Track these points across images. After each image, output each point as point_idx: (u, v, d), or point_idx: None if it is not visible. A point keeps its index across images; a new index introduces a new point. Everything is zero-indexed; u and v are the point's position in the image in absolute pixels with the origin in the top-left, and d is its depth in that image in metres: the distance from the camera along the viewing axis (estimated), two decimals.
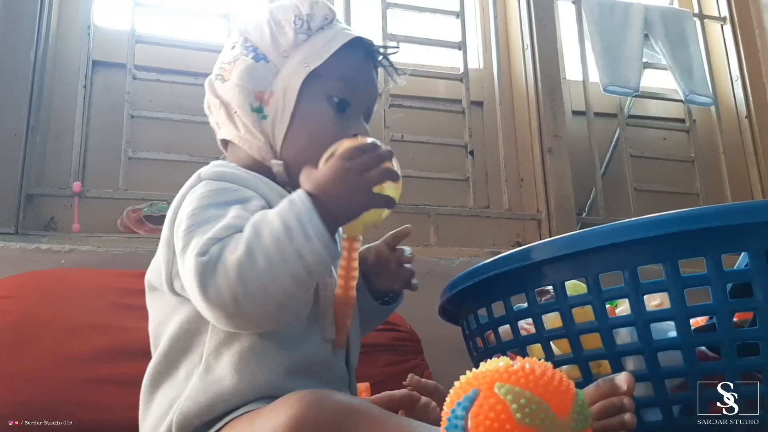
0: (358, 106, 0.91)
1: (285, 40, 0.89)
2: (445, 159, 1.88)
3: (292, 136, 0.88)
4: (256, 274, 0.71)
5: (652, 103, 2.17)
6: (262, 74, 0.88)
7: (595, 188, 1.95)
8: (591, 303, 0.72)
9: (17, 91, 1.55)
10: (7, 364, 1.07)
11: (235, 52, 0.91)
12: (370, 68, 0.94)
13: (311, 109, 0.88)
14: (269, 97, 0.88)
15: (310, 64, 0.87)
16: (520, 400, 0.52)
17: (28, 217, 1.55)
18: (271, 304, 0.73)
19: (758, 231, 0.67)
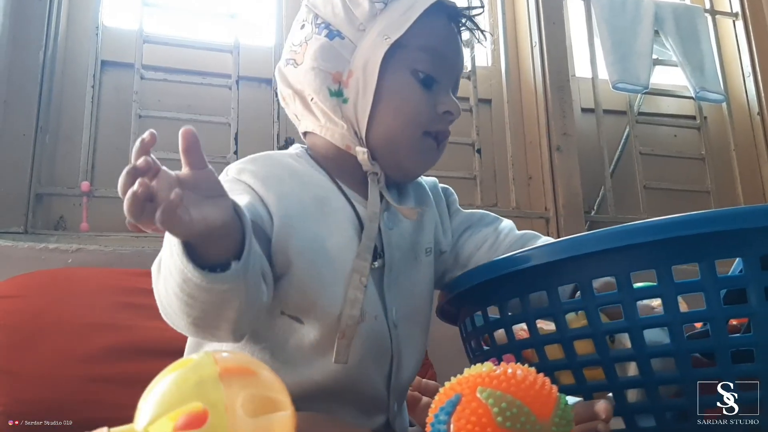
0: (447, 79, 0.84)
1: (360, 12, 0.81)
2: (452, 157, 1.86)
3: (377, 117, 0.80)
4: (159, 289, 0.66)
5: (663, 100, 2.15)
6: (337, 52, 0.80)
7: (604, 186, 1.93)
8: (585, 308, 0.72)
9: (26, 91, 1.57)
10: (13, 362, 1.09)
11: (305, 32, 0.83)
12: (455, 33, 0.86)
13: (396, 85, 0.80)
14: (348, 78, 0.80)
15: (390, 35, 0.79)
16: (501, 403, 0.52)
17: (38, 217, 1.56)
18: (180, 321, 0.66)
19: (753, 236, 0.66)
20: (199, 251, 0.60)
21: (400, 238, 0.85)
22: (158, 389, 0.45)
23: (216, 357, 0.46)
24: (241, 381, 0.44)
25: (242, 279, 0.62)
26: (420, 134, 0.82)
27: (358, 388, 0.79)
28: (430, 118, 0.82)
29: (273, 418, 0.45)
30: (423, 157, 0.85)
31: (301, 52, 0.82)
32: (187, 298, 0.61)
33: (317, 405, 0.76)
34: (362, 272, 0.77)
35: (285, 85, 0.85)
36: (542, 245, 0.74)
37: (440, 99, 0.83)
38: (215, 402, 0.43)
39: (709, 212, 0.67)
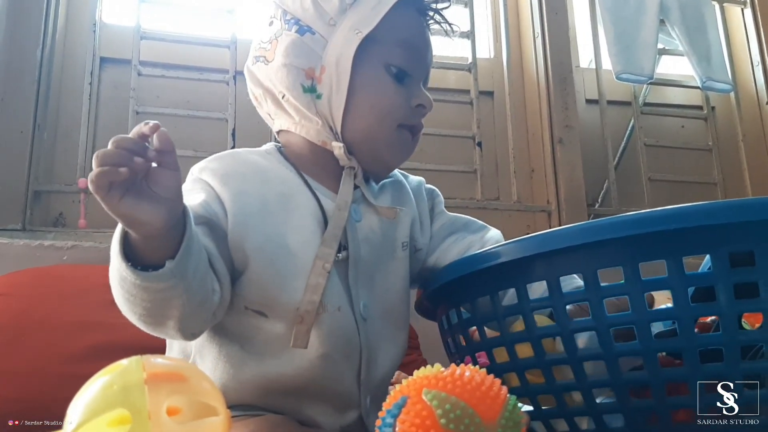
0: (418, 72, 0.84)
1: (330, 6, 0.80)
2: (453, 151, 1.85)
3: (352, 111, 0.80)
4: (113, 291, 0.66)
5: (669, 90, 2.11)
6: (309, 48, 0.79)
7: (608, 178, 1.90)
8: (553, 306, 0.70)
9: (24, 89, 1.58)
10: (2, 361, 1.09)
11: (274, 29, 0.82)
12: (424, 26, 0.86)
13: (369, 80, 0.80)
14: (321, 73, 0.79)
15: (361, 30, 0.78)
16: (446, 405, 0.51)
17: (37, 214, 1.57)
18: (131, 318, 0.67)
19: (721, 233, 0.64)
20: (139, 250, 0.61)
21: (369, 231, 0.84)
22: (85, 395, 0.45)
23: (145, 362, 0.46)
24: (168, 387, 0.44)
25: (179, 278, 0.63)
26: (395, 127, 0.82)
27: (328, 382, 0.78)
28: (404, 111, 0.82)
29: (202, 423, 0.44)
30: (399, 149, 0.84)
31: (272, 49, 0.81)
32: (128, 295, 0.63)
33: (289, 399, 0.76)
34: (326, 259, 0.76)
35: (255, 84, 0.85)
36: (508, 242, 0.72)
37: (413, 92, 0.83)
38: (139, 408, 0.42)
39: (676, 208, 0.65)
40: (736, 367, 0.65)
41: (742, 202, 0.64)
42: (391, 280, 0.86)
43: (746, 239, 0.65)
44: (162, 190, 0.61)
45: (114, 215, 0.59)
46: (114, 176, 0.57)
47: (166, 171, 0.61)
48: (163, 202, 0.60)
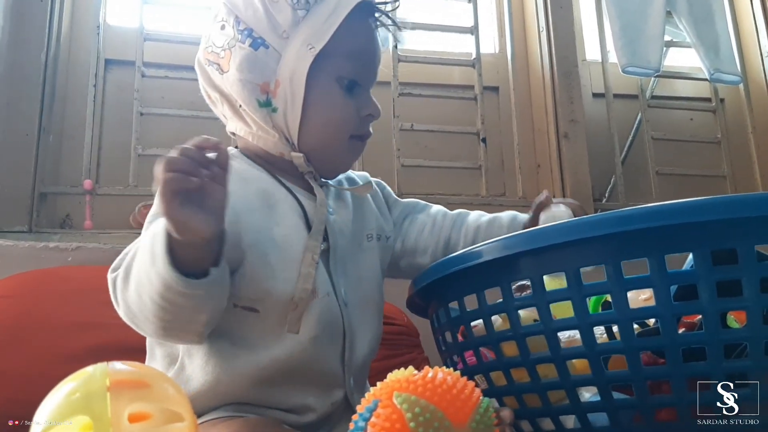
0: (367, 80, 0.87)
1: (283, 18, 0.81)
2: (458, 147, 1.85)
3: (307, 125, 0.83)
4: (131, 298, 0.69)
5: (678, 82, 2.09)
6: (263, 63, 0.81)
7: (615, 173, 1.89)
8: (536, 305, 0.70)
9: (28, 92, 1.60)
10: (3, 361, 1.11)
11: (227, 35, 0.82)
12: (374, 32, 0.88)
13: (323, 95, 0.82)
14: (276, 87, 0.81)
15: (314, 44, 0.80)
16: (415, 408, 0.51)
17: (43, 216, 1.59)
18: (153, 326, 0.70)
19: (703, 231, 0.64)
20: (180, 259, 0.64)
21: (342, 224, 0.89)
22: (50, 401, 0.45)
23: (110, 369, 0.46)
24: (130, 393, 0.44)
25: (218, 285, 0.67)
26: (348, 139, 0.86)
27: (316, 363, 0.81)
28: (355, 123, 0.86)
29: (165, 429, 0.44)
30: (351, 157, 0.90)
31: (226, 59, 0.82)
32: (166, 303, 0.65)
33: (281, 387, 0.79)
34: (314, 251, 0.80)
35: (210, 86, 0.86)
36: (492, 241, 0.72)
37: (362, 102, 0.86)
38: (100, 415, 0.43)
39: (658, 205, 0.65)
40: (718, 365, 0.64)
41: (725, 199, 0.64)
42: (362, 269, 0.91)
43: (729, 237, 0.64)
44: (213, 203, 0.64)
45: (170, 220, 0.62)
46: (185, 184, 0.61)
47: (218, 186, 0.65)
48: (213, 213, 0.64)
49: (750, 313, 0.63)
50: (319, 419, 0.81)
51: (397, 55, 1.76)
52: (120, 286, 0.71)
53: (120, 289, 0.71)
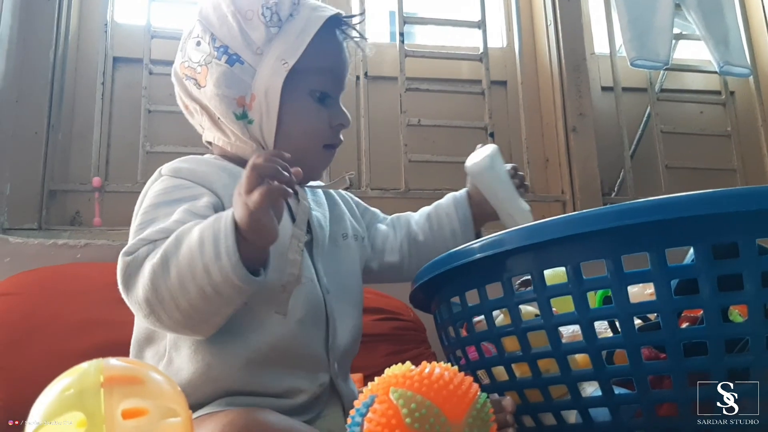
0: (337, 91, 0.92)
1: (256, 36, 0.85)
2: (464, 142, 1.84)
3: (282, 136, 0.87)
4: (167, 283, 0.71)
5: (687, 75, 2.07)
6: (239, 78, 0.85)
7: (624, 167, 1.88)
8: (537, 300, 0.70)
9: (37, 90, 1.61)
10: (10, 359, 1.12)
11: (203, 51, 0.86)
12: (343, 45, 0.92)
13: (296, 107, 0.87)
14: (251, 101, 0.85)
15: (287, 60, 0.84)
16: (411, 404, 0.51)
17: (53, 213, 1.60)
18: (180, 314, 0.72)
19: (704, 224, 0.63)
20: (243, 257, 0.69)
21: (322, 219, 0.94)
22: (45, 397, 0.45)
23: (104, 365, 0.46)
24: (124, 390, 0.45)
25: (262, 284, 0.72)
26: (321, 148, 0.91)
27: (302, 347, 0.84)
28: (327, 133, 0.90)
29: (159, 425, 0.45)
30: (323, 164, 0.94)
31: (203, 75, 0.86)
32: (215, 295, 0.70)
33: (272, 370, 0.81)
34: (299, 238, 0.82)
35: (188, 97, 0.90)
36: (491, 236, 0.72)
37: (333, 112, 0.90)
38: (93, 411, 0.43)
39: (657, 199, 0.64)
40: (719, 360, 0.64)
41: (725, 192, 0.63)
42: (342, 262, 0.95)
43: (730, 231, 0.63)
44: (276, 213, 0.71)
45: (255, 222, 0.68)
46: (285, 194, 0.68)
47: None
48: (278, 220, 0.71)
49: (751, 307, 0.63)
50: (309, 401, 0.83)
51: (404, 50, 1.76)
52: (152, 271, 0.71)
53: (149, 274, 0.71)
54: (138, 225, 0.79)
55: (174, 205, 0.79)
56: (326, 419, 0.84)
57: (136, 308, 0.74)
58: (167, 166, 0.86)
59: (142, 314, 0.74)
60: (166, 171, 0.85)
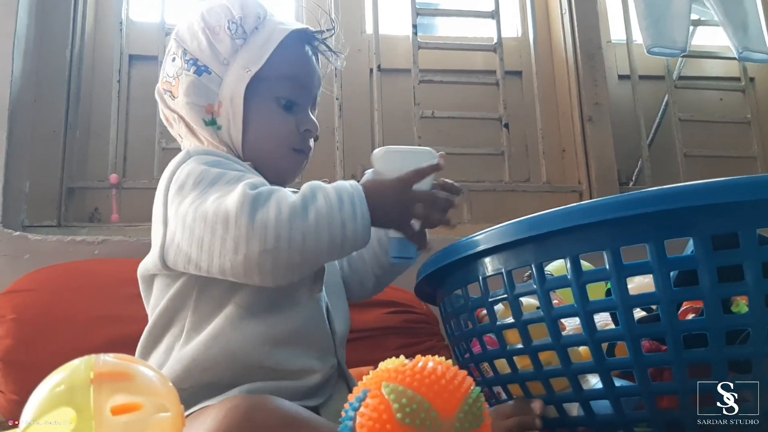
0: (305, 100, 0.95)
1: (223, 48, 0.90)
2: (478, 133, 1.84)
3: (249, 140, 0.91)
4: (304, 224, 0.75)
5: (706, 62, 2.04)
6: (207, 87, 0.89)
7: (642, 156, 1.85)
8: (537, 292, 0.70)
9: (54, 90, 1.63)
10: (26, 354, 1.14)
11: (176, 66, 0.92)
12: (310, 57, 0.96)
13: (261, 113, 0.91)
14: (219, 108, 0.90)
15: (251, 68, 0.89)
16: (402, 399, 0.51)
17: (72, 210, 1.63)
18: (301, 256, 0.76)
19: (703, 215, 0.62)
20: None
21: None
22: (38, 393, 0.46)
23: (94, 362, 0.47)
24: (113, 385, 0.45)
25: None
26: (289, 151, 0.94)
27: (314, 330, 0.88)
28: (294, 137, 0.94)
29: (146, 419, 0.45)
30: (294, 167, 0.97)
31: (176, 86, 0.92)
32: (337, 244, 0.77)
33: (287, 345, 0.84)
34: None
35: (168, 109, 0.95)
36: (491, 229, 0.72)
37: (301, 119, 0.94)
38: (82, 407, 0.44)
39: (655, 190, 0.64)
40: (720, 352, 0.63)
41: (725, 182, 0.63)
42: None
43: (730, 221, 0.63)
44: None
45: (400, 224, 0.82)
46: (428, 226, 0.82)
47: None
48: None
49: (752, 298, 0.62)
50: (321, 382, 0.85)
51: (417, 42, 1.75)
52: (291, 209, 0.75)
53: (288, 210, 0.75)
54: (201, 190, 0.79)
55: (229, 168, 0.83)
56: (336, 402, 0.86)
57: (255, 240, 0.74)
58: (194, 149, 0.88)
59: (259, 249, 0.74)
60: (195, 152, 0.87)
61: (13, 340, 1.17)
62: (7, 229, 1.46)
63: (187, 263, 0.79)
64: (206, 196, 0.78)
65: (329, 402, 0.85)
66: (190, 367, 0.79)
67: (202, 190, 0.79)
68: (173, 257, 0.81)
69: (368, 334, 1.26)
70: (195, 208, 0.77)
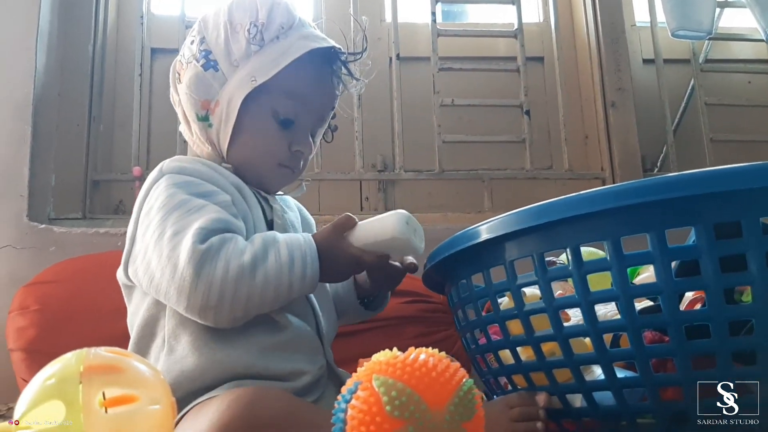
0: (307, 120, 0.94)
1: (237, 49, 0.88)
2: (501, 121, 1.82)
3: (236, 145, 0.90)
4: (250, 286, 0.76)
5: (734, 44, 1.99)
6: (209, 83, 0.89)
7: (666, 142, 1.82)
8: (538, 283, 0.69)
9: (77, 84, 1.66)
10: (49, 344, 1.17)
11: (192, 50, 0.91)
12: (326, 77, 0.94)
13: (254, 123, 0.90)
14: (215, 106, 0.89)
15: (257, 78, 0.87)
16: (392, 392, 0.51)
17: (96, 203, 1.65)
18: (243, 312, 0.78)
19: (705, 204, 0.61)
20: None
21: (295, 221, 1.00)
22: (31, 386, 0.47)
23: (85, 355, 0.48)
24: (102, 378, 0.46)
25: None
26: (276, 165, 0.93)
27: (301, 333, 0.87)
28: (283, 154, 0.93)
29: (135, 412, 0.46)
30: (279, 181, 0.97)
31: (184, 72, 0.91)
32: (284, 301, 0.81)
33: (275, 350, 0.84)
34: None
35: (175, 91, 0.95)
36: (492, 219, 0.71)
37: (296, 139, 0.93)
38: (72, 399, 0.45)
39: (657, 178, 0.63)
40: (724, 343, 0.62)
41: (727, 170, 0.61)
42: None
43: (733, 209, 0.62)
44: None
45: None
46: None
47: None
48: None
49: (755, 288, 0.61)
50: (311, 383, 0.85)
51: (436, 29, 1.74)
52: (239, 270, 0.76)
53: (236, 271, 0.76)
54: (162, 217, 0.80)
55: (199, 197, 0.82)
56: (328, 401, 0.85)
57: (197, 296, 0.76)
58: (168, 164, 0.88)
59: (201, 304, 0.76)
60: (168, 169, 0.87)
61: (36, 330, 1.20)
62: (33, 222, 1.48)
63: (147, 286, 0.81)
64: (165, 225, 0.79)
65: (320, 401, 0.85)
66: (180, 378, 0.79)
67: (163, 216, 0.80)
68: (133, 274, 0.85)
69: (385, 324, 1.26)
70: (155, 242, 0.79)
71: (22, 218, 1.48)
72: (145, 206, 0.84)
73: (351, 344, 1.11)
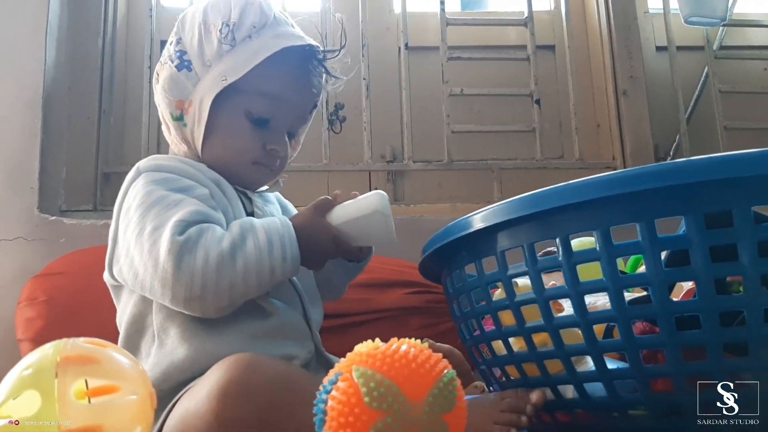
0: (284, 119, 0.94)
1: (209, 49, 0.89)
2: (511, 110, 1.80)
3: (210, 144, 0.91)
4: (231, 273, 0.77)
5: (750, 31, 1.96)
6: (183, 84, 0.89)
7: (679, 130, 1.80)
8: (528, 273, 0.69)
9: (88, 77, 1.68)
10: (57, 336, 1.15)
11: (169, 51, 0.92)
12: (303, 75, 0.94)
13: (226, 123, 0.90)
14: (188, 106, 0.90)
15: (227, 77, 0.87)
16: (370, 383, 0.51)
17: (107, 195, 1.66)
18: (228, 300, 0.79)
19: (695, 192, 0.60)
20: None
21: (276, 214, 0.99)
22: (9, 376, 0.48)
23: (63, 346, 0.48)
24: (78, 369, 0.47)
25: None
26: (249, 164, 0.94)
27: (290, 320, 0.89)
28: (257, 153, 0.93)
29: (110, 402, 0.46)
30: (256, 178, 0.97)
31: (161, 72, 0.92)
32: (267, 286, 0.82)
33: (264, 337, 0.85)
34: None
35: (154, 88, 0.95)
36: (484, 209, 0.71)
37: (270, 138, 0.93)
38: (47, 390, 0.45)
39: (646, 167, 0.62)
40: (714, 334, 0.61)
41: (718, 158, 0.61)
42: None
43: (724, 198, 0.60)
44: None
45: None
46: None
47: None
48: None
49: (747, 279, 0.60)
50: (301, 367, 0.85)
51: (445, 18, 1.73)
52: (219, 258, 0.77)
53: (216, 259, 0.77)
54: (141, 214, 0.81)
55: (177, 192, 0.83)
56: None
57: (180, 288, 0.77)
58: (144, 163, 0.89)
59: (185, 295, 0.77)
60: (145, 167, 0.88)
61: (44, 322, 1.21)
62: (43, 214, 1.50)
63: (132, 283, 0.83)
64: (145, 222, 0.80)
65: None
66: (170, 369, 0.80)
67: (142, 213, 0.81)
68: (118, 273, 0.86)
69: (389, 314, 1.26)
70: (135, 238, 0.80)
71: (33, 210, 1.50)
72: (124, 205, 0.86)
73: (356, 335, 1.10)
